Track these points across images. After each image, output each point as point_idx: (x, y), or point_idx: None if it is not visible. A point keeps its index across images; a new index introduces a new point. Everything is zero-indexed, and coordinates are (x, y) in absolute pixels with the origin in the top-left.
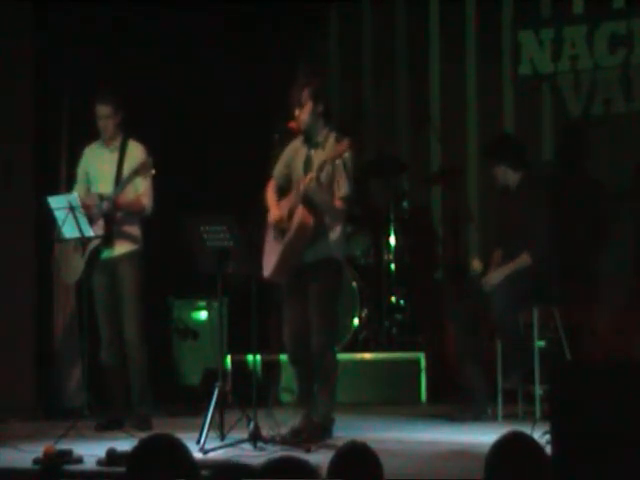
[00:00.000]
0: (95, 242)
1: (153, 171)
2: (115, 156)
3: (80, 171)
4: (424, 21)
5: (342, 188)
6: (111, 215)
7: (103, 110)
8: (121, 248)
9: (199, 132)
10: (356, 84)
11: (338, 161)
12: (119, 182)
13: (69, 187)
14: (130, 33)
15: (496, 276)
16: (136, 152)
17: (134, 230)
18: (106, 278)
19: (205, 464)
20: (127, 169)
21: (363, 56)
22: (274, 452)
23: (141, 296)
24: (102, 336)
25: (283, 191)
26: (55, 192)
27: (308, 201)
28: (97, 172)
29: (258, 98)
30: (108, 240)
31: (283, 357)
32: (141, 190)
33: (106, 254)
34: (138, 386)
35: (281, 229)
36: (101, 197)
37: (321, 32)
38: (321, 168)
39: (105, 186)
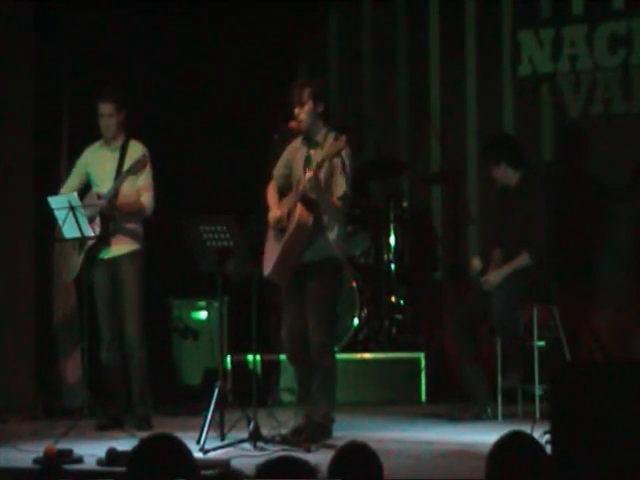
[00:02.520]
0: (93, 240)
1: (148, 166)
2: (116, 156)
3: (77, 167)
4: (424, 21)
5: (340, 187)
6: (108, 214)
7: (105, 109)
8: (122, 248)
9: (199, 132)
10: (356, 84)
11: (336, 159)
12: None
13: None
14: (130, 32)
15: (496, 276)
16: (136, 151)
17: (136, 229)
18: (107, 278)
19: (206, 464)
20: (126, 167)
21: (363, 56)
22: (274, 452)
23: (142, 296)
24: (102, 336)
25: (283, 191)
26: (55, 192)
27: (307, 199)
28: (98, 172)
29: (258, 98)
30: (105, 239)
31: (283, 357)
32: (139, 187)
33: (106, 253)
34: (138, 386)
35: (280, 228)
36: (99, 196)
37: (321, 32)
38: (319, 166)
39: (106, 186)
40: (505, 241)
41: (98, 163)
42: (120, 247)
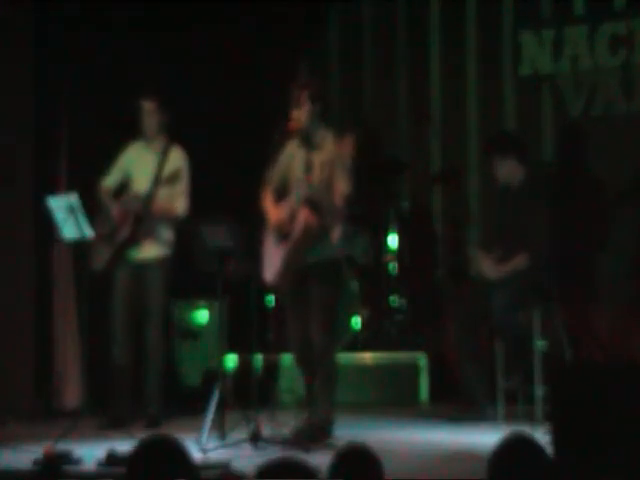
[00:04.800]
0: (123, 237)
1: (187, 174)
2: (156, 158)
3: (120, 163)
4: (424, 21)
5: (343, 187)
6: (141, 215)
7: (148, 106)
8: (153, 251)
9: (198, 132)
10: (356, 84)
11: (339, 159)
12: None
13: (69, 186)
14: (129, 33)
15: (493, 269)
16: (177, 158)
17: (168, 234)
18: (132, 278)
19: (206, 464)
20: (166, 174)
21: (363, 56)
22: (274, 452)
23: (166, 300)
24: (116, 334)
25: (279, 194)
26: (55, 192)
27: (312, 202)
28: (137, 172)
29: (258, 98)
30: (135, 239)
31: (283, 357)
32: (176, 192)
33: (136, 254)
34: (153, 386)
35: (282, 233)
36: (136, 197)
37: (321, 32)
38: (323, 169)
39: (142, 186)
40: (505, 240)
41: (138, 163)
42: (151, 250)
